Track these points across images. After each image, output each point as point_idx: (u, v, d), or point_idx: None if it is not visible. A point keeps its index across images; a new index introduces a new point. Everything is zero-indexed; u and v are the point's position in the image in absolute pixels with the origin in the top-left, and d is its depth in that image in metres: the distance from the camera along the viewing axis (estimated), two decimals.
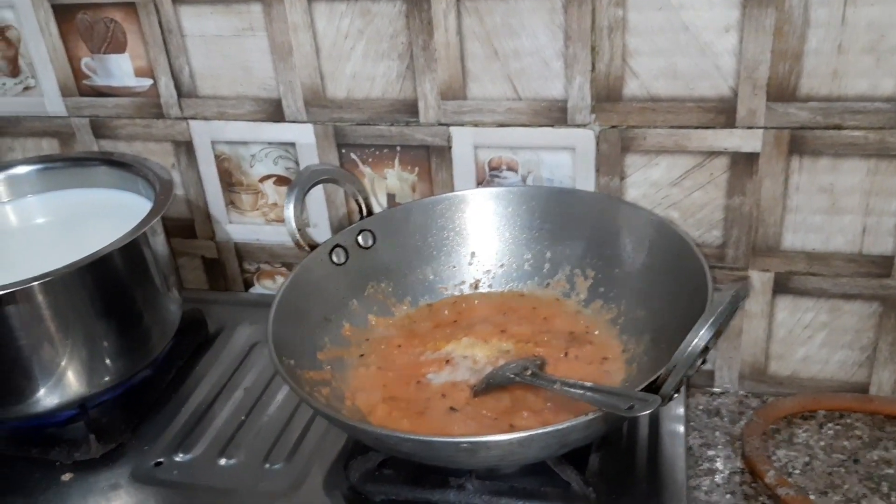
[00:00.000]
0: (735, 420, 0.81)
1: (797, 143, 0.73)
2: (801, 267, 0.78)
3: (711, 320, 0.50)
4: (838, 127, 0.71)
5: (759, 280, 0.80)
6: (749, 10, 0.69)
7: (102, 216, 0.83)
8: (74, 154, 0.92)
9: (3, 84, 0.93)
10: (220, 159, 0.91)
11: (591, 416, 0.53)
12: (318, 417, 0.76)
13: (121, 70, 0.89)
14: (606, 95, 0.76)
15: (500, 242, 0.82)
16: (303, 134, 0.87)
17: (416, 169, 0.86)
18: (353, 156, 0.87)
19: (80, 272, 0.69)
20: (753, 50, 0.71)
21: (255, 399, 0.79)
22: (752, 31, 0.70)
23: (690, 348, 0.50)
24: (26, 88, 0.93)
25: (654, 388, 0.53)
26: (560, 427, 0.53)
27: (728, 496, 0.72)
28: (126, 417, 0.76)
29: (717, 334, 0.51)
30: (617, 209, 0.77)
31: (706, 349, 0.52)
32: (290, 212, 0.74)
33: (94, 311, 0.72)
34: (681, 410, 0.74)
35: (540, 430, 0.53)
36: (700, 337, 0.50)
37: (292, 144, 0.88)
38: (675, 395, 0.53)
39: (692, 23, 0.71)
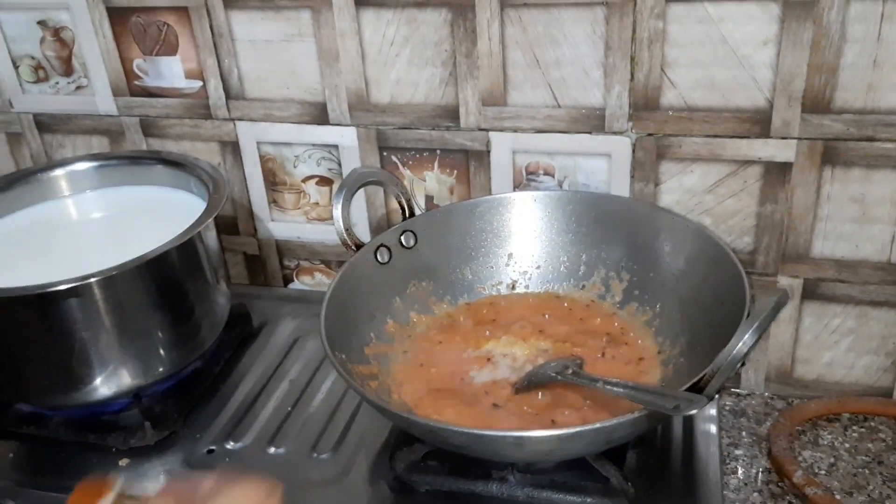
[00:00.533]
0: (761, 421, 0.83)
1: (830, 154, 0.75)
2: (830, 274, 0.80)
3: (755, 325, 0.52)
4: (871, 139, 0.74)
5: (788, 286, 0.82)
6: (788, 24, 0.72)
7: (155, 212, 0.87)
8: (132, 152, 0.95)
9: (57, 83, 0.97)
10: (264, 159, 0.94)
11: (636, 414, 0.56)
12: (361, 409, 0.79)
13: (171, 72, 0.92)
14: (644, 104, 0.79)
15: (537, 244, 0.84)
16: (346, 136, 0.90)
17: (455, 172, 0.89)
18: (394, 158, 0.90)
19: (141, 268, 0.72)
20: (790, 63, 0.73)
21: (300, 391, 0.82)
22: (790, 44, 0.72)
23: (735, 352, 0.53)
24: (79, 88, 0.96)
25: (696, 388, 0.56)
26: (607, 424, 0.55)
27: (755, 494, 0.74)
28: (178, 406, 0.79)
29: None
30: (654, 215, 0.80)
31: (747, 353, 0.54)
32: (338, 212, 0.77)
33: (150, 305, 0.75)
34: (713, 411, 0.76)
35: (587, 427, 0.55)
36: (744, 342, 0.52)
37: (335, 146, 0.91)
38: (716, 397, 0.56)
39: (731, 36, 0.74)
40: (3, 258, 0.82)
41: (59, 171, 0.90)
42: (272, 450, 0.75)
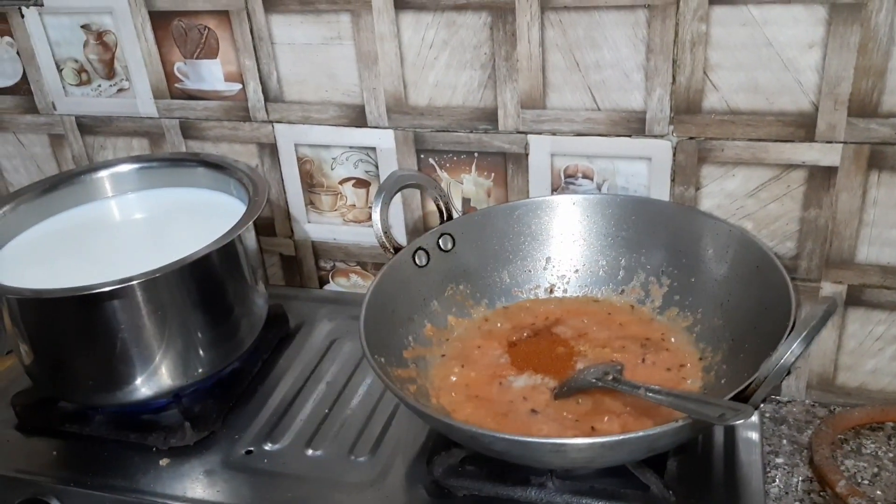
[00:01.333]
0: (802, 429, 0.82)
1: (876, 158, 0.74)
2: (875, 280, 0.79)
3: (804, 334, 0.51)
4: None
5: (832, 292, 0.81)
6: (834, 27, 0.71)
7: (195, 214, 0.88)
8: (173, 155, 0.96)
9: (99, 86, 0.98)
10: (302, 161, 0.95)
11: (680, 422, 0.55)
12: (398, 412, 0.79)
13: (211, 75, 0.92)
14: (686, 107, 0.78)
15: (576, 248, 0.84)
16: (384, 139, 0.90)
17: (493, 175, 0.88)
18: (431, 161, 0.90)
19: (182, 270, 0.72)
20: (837, 66, 0.72)
21: (337, 393, 0.82)
22: (837, 47, 0.71)
23: (782, 361, 0.52)
24: (120, 90, 0.98)
25: (741, 397, 0.55)
26: (650, 433, 0.55)
27: (797, 503, 0.73)
28: (217, 407, 0.80)
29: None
30: (695, 219, 0.79)
31: (794, 362, 0.53)
32: (377, 214, 0.77)
33: (191, 306, 0.76)
34: (755, 419, 0.75)
35: (631, 435, 0.55)
36: (792, 351, 0.52)
37: (373, 149, 0.91)
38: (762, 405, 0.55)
39: (775, 39, 0.73)
40: (47, 258, 0.83)
41: (102, 173, 0.92)
42: (310, 452, 0.76)
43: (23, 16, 0.96)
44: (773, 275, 0.68)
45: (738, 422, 0.51)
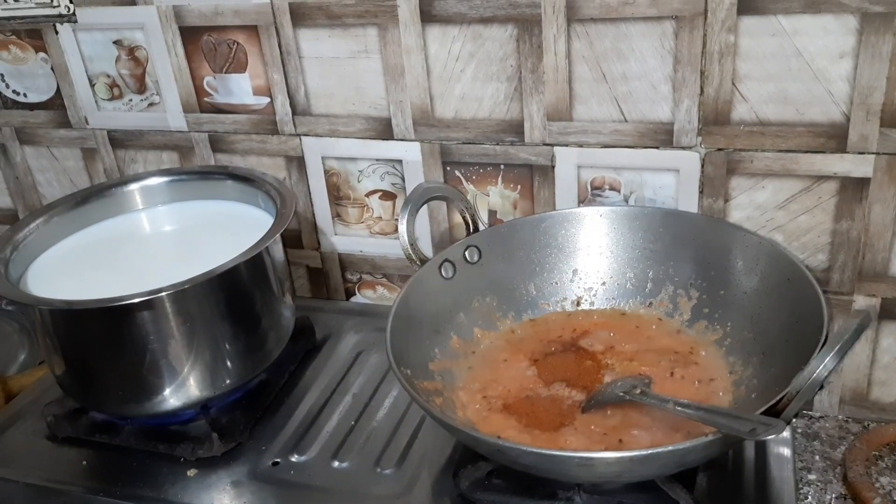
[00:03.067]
0: (835, 445, 0.81)
1: None
2: None
3: (837, 348, 0.51)
4: None
5: (865, 305, 0.79)
6: (866, 36, 0.70)
7: (224, 226, 0.89)
8: (202, 168, 0.97)
9: (130, 100, 1.00)
10: (329, 174, 0.95)
11: (711, 437, 0.54)
12: (424, 425, 0.78)
13: (240, 89, 0.94)
14: (714, 119, 0.77)
15: (603, 261, 0.83)
16: (410, 151, 0.90)
17: (519, 187, 0.88)
18: (457, 173, 0.90)
19: (211, 282, 0.73)
20: (868, 76, 0.71)
21: (363, 405, 0.82)
22: (868, 57, 0.70)
23: (815, 375, 0.51)
24: (151, 104, 0.99)
25: (773, 412, 0.54)
26: (681, 447, 0.54)
27: None
28: (244, 418, 0.80)
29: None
30: (724, 231, 0.78)
31: (827, 376, 0.52)
32: (403, 227, 0.77)
33: (219, 317, 0.76)
34: (787, 434, 0.74)
35: (660, 450, 0.54)
36: (825, 365, 0.51)
37: (399, 161, 0.92)
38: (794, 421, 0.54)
39: (805, 49, 0.72)
40: (78, 270, 0.84)
41: (132, 186, 0.93)
42: (336, 464, 0.76)
43: (57, 32, 0.98)
44: (804, 287, 0.67)
45: (769, 437, 0.50)
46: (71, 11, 0.96)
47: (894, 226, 0.76)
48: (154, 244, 0.89)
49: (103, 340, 0.74)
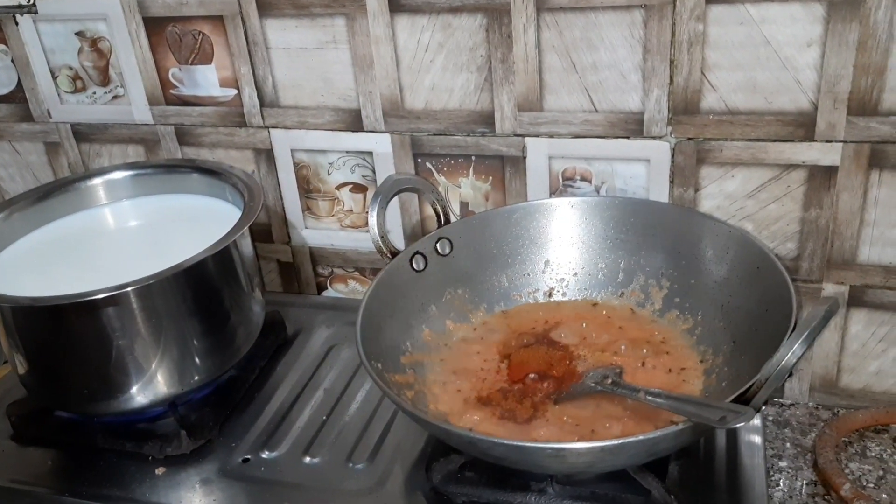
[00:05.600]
0: (805, 432, 0.81)
1: (877, 157, 0.73)
2: (878, 280, 0.78)
3: (805, 335, 0.51)
4: None
5: (834, 293, 0.80)
6: (833, 25, 0.70)
7: (191, 221, 0.87)
8: (167, 161, 0.96)
9: (94, 93, 0.98)
10: (298, 167, 0.94)
11: (681, 425, 0.54)
12: (397, 419, 0.78)
13: (206, 80, 0.92)
14: (684, 108, 0.77)
15: (575, 251, 0.83)
16: (380, 143, 0.89)
17: (490, 178, 0.88)
18: (428, 165, 0.89)
19: (177, 277, 0.72)
20: (836, 64, 0.71)
21: (335, 400, 0.82)
22: (835, 45, 0.71)
23: (784, 362, 0.51)
24: (115, 97, 0.97)
25: (742, 399, 0.54)
26: (650, 436, 0.54)
27: None
28: (213, 415, 0.79)
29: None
30: (695, 221, 0.78)
31: (795, 363, 0.52)
32: (373, 219, 0.76)
33: (187, 313, 0.75)
34: (758, 422, 0.74)
35: (630, 439, 0.54)
36: (793, 352, 0.51)
37: (370, 153, 0.91)
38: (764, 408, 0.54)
39: (773, 37, 0.72)
40: (42, 267, 0.82)
41: (95, 181, 0.91)
42: (307, 459, 0.75)
43: (17, 23, 0.96)
44: (773, 275, 0.68)
45: (739, 424, 0.50)
46: (31, 2, 0.94)
47: (862, 214, 0.76)
48: (120, 239, 0.88)
49: (68, 338, 0.73)
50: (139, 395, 0.75)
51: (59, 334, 0.73)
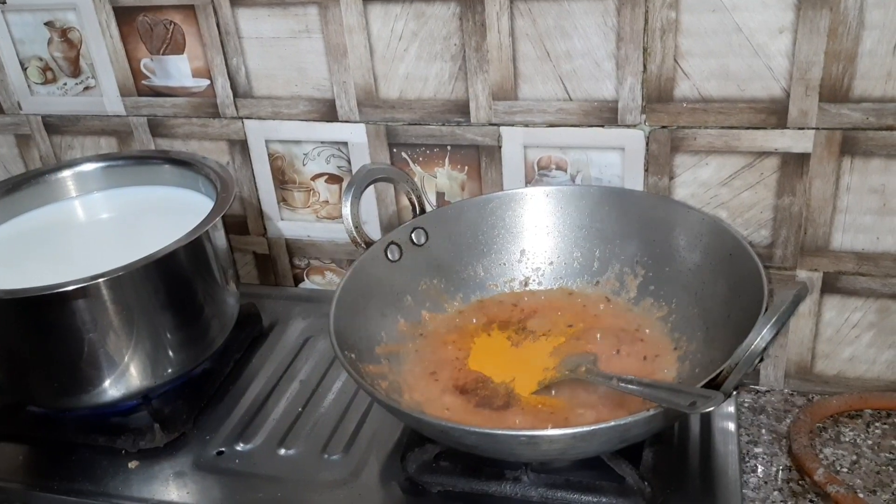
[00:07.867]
0: (780, 418, 0.82)
1: (849, 144, 0.74)
2: (850, 267, 0.79)
3: (774, 320, 0.51)
4: (891, 128, 0.72)
5: (807, 279, 0.80)
6: (804, 11, 0.70)
7: (163, 212, 0.86)
8: (139, 152, 0.94)
9: (65, 84, 0.96)
10: (273, 158, 0.93)
11: (652, 411, 0.54)
12: (372, 410, 0.78)
13: (179, 71, 0.91)
14: (657, 96, 0.77)
15: (550, 240, 0.83)
16: (355, 133, 0.89)
17: (466, 168, 0.87)
18: (404, 155, 0.89)
19: (148, 268, 0.71)
20: (807, 51, 0.71)
21: (310, 391, 0.81)
22: (807, 32, 0.71)
23: (753, 347, 0.51)
24: (86, 88, 0.96)
25: (713, 384, 0.55)
26: (622, 422, 0.54)
27: (776, 493, 0.73)
28: (187, 408, 0.79)
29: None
30: (669, 209, 0.78)
31: (765, 348, 0.53)
32: (347, 210, 0.76)
33: (159, 305, 0.74)
34: (731, 408, 0.75)
35: (602, 425, 0.54)
36: (762, 337, 0.51)
37: (345, 143, 0.90)
38: (734, 393, 0.54)
39: (745, 24, 0.72)
40: (13, 259, 0.81)
41: (66, 173, 0.90)
42: (282, 451, 0.75)
43: None
44: (745, 262, 0.68)
45: (709, 409, 0.50)
46: None
47: (834, 200, 0.76)
48: (91, 232, 0.87)
49: (38, 331, 0.72)
50: (111, 389, 0.75)
51: (29, 328, 0.72)
